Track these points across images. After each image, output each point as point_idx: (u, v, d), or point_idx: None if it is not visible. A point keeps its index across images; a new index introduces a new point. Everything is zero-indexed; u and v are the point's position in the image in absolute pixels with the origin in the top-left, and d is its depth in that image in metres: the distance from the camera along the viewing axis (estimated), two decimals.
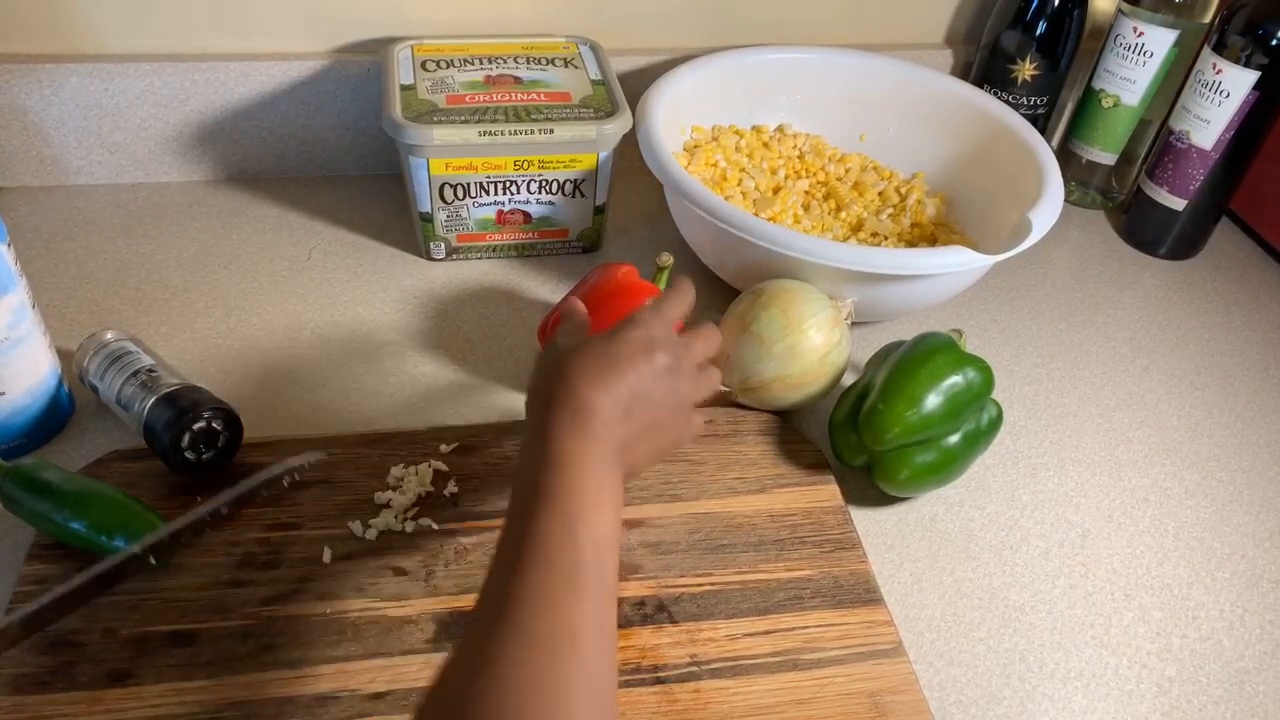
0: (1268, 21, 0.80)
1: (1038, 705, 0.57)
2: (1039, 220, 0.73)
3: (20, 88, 0.81)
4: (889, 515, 0.67)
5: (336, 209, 0.88)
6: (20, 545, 0.58)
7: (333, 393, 0.71)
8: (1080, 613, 0.62)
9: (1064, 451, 0.73)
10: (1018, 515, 0.68)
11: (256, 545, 0.59)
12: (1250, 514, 0.70)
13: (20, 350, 0.60)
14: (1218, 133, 0.85)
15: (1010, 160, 0.83)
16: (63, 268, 0.78)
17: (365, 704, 0.52)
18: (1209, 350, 0.84)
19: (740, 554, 0.61)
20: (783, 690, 0.54)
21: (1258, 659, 0.61)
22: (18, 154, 0.84)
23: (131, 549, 0.54)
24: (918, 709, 0.54)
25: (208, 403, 0.60)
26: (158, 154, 0.87)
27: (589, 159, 0.79)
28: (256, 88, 0.85)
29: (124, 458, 0.63)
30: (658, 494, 0.64)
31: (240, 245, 0.83)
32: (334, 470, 0.63)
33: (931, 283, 0.73)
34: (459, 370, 0.74)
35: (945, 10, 0.98)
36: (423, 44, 0.84)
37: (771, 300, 0.68)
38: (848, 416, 0.66)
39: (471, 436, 0.66)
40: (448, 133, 0.74)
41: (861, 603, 0.59)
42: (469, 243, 0.82)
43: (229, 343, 0.74)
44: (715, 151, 0.87)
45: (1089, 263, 0.93)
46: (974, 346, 0.80)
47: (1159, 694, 0.58)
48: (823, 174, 0.89)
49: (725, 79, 0.89)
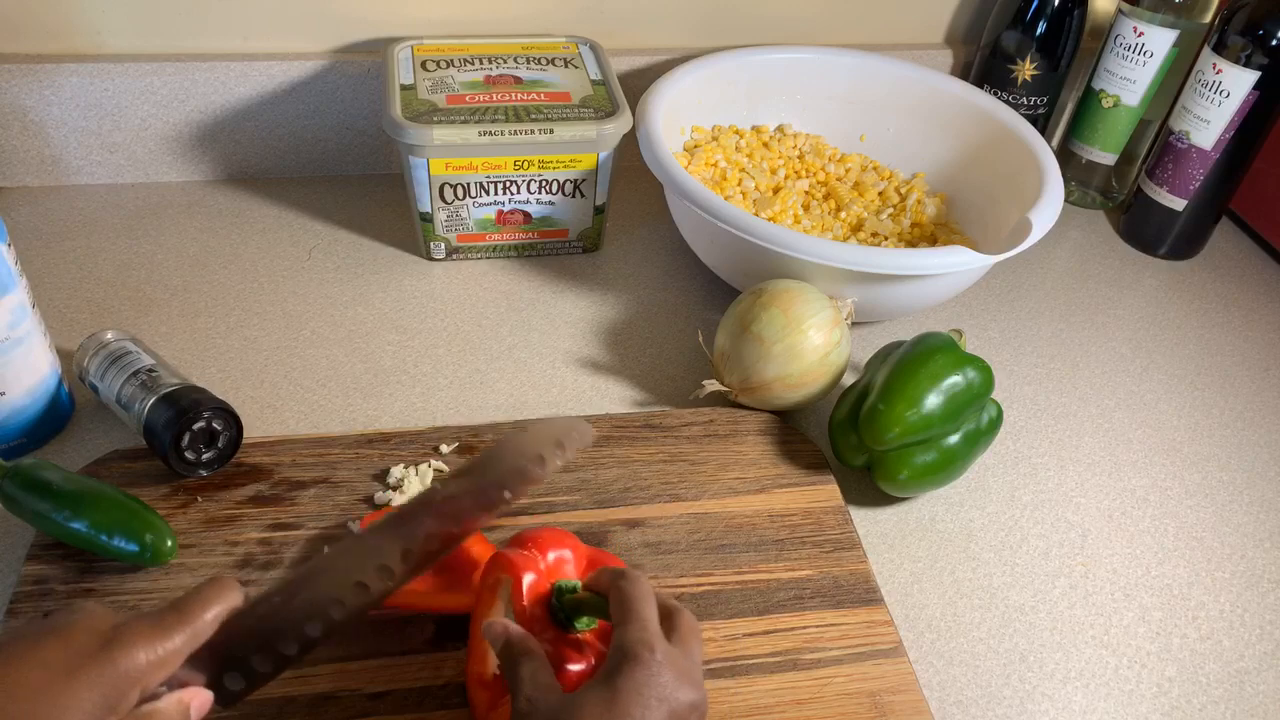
0: (1268, 21, 0.80)
1: (1038, 705, 0.57)
2: (1039, 220, 0.73)
3: (20, 88, 0.81)
4: (889, 515, 0.67)
5: (336, 209, 0.88)
6: (20, 545, 0.59)
7: (333, 393, 0.71)
8: (1080, 613, 0.62)
9: (1064, 451, 0.73)
10: (1018, 515, 0.68)
11: (256, 545, 0.59)
12: (1250, 514, 0.70)
13: (20, 350, 0.60)
14: (1218, 133, 0.85)
15: (1010, 160, 0.83)
16: (63, 268, 0.78)
17: (365, 704, 0.52)
18: (1209, 350, 0.84)
19: (740, 554, 0.61)
20: (782, 690, 0.54)
21: (1258, 659, 0.61)
22: (18, 154, 0.84)
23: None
24: (918, 709, 0.54)
25: (208, 403, 0.60)
26: (158, 154, 0.87)
27: (589, 159, 0.79)
28: (256, 88, 0.85)
29: (124, 458, 0.63)
30: (657, 494, 0.64)
31: (240, 245, 0.83)
32: (334, 470, 0.63)
33: (931, 283, 0.73)
34: (459, 370, 0.74)
35: (945, 10, 0.98)
36: (423, 44, 0.84)
37: (771, 300, 0.68)
38: (848, 416, 0.66)
39: (471, 436, 0.66)
40: (448, 133, 0.74)
41: (861, 603, 0.59)
42: (469, 243, 0.82)
43: (229, 343, 0.74)
44: (715, 151, 0.87)
45: (1089, 263, 0.93)
46: (974, 346, 0.80)
47: (1159, 694, 0.58)
48: (823, 174, 0.89)
49: (725, 79, 0.89)
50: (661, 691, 0.41)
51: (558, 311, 0.80)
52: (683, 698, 0.42)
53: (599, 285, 0.83)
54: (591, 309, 0.80)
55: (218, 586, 0.41)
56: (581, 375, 0.74)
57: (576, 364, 0.75)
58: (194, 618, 0.39)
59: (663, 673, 0.42)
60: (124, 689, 0.37)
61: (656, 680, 0.41)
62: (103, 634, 0.37)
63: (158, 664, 0.38)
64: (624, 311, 0.80)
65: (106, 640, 0.37)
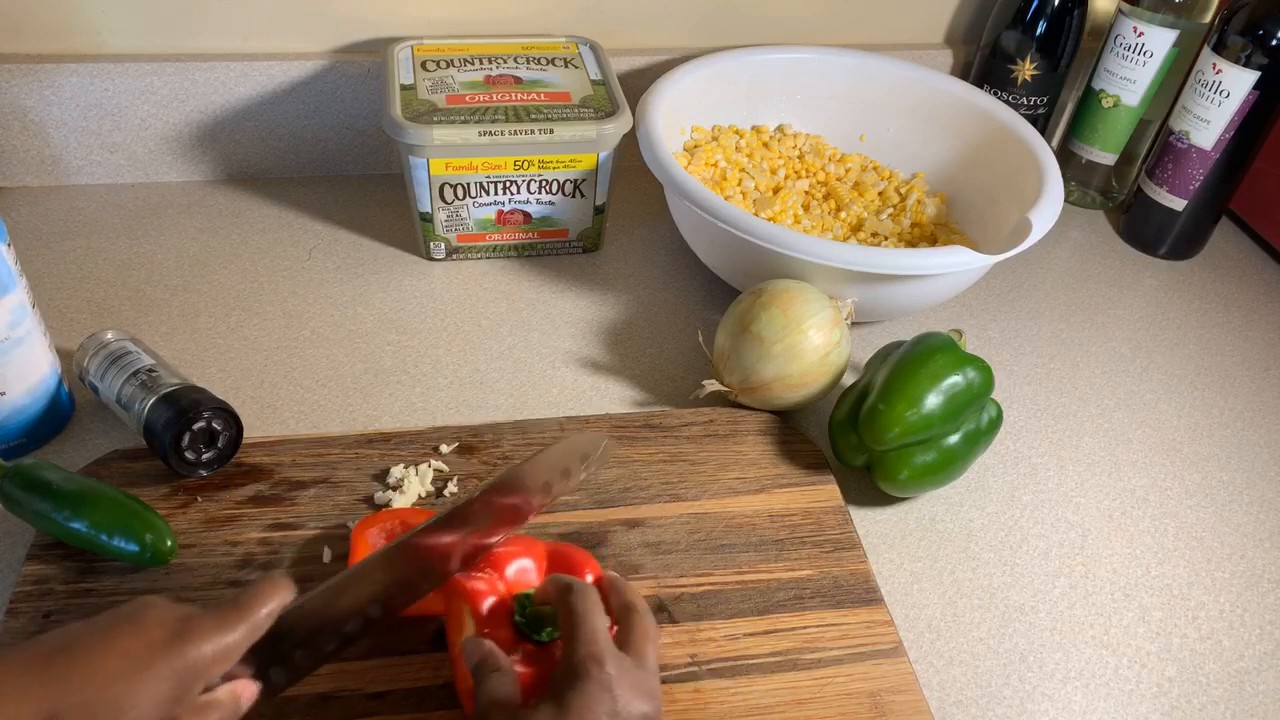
0: (1268, 21, 0.80)
1: (1038, 705, 0.57)
2: (1039, 220, 0.73)
3: (20, 88, 0.81)
4: (889, 515, 0.67)
5: (336, 209, 0.88)
6: (20, 545, 0.59)
7: (333, 393, 0.71)
8: (1080, 613, 0.62)
9: (1064, 451, 0.73)
10: (1018, 515, 0.68)
11: (256, 545, 0.59)
12: (1250, 514, 0.70)
13: (20, 350, 0.60)
14: (1218, 133, 0.85)
15: (1010, 160, 0.83)
16: (63, 268, 0.78)
17: (365, 704, 0.52)
18: (1209, 350, 0.84)
19: (740, 554, 0.61)
20: (782, 690, 0.54)
21: (1258, 659, 0.61)
22: (18, 154, 0.84)
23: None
24: (918, 709, 0.54)
25: (208, 403, 0.60)
26: (158, 154, 0.87)
27: (589, 159, 0.79)
28: (256, 88, 0.85)
29: (124, 458, 0.63)
30: (657, 494, 0.64)
31: (240, 245, 0.83)
32: (334, 470, 0.63)
33: (931, 283, 0.73)
34: (459, 370, 0.74)
35: (945, 10, 0.98)
36: (423, 44, 0.84)
37: (771, 300, 0.68)
38: (848, 416, 0.66)
39: (471, 436, 0.66)
40: (448, 133, 0.74)
41: (861, 603, 0.59)
42: (469, 243, 0.82)
43: (229, 343, 0.74)
44: (715, 151, 0.87)
45: (1089, 263, 0.93)
46: (974, 346, 0.80)
47: (1159, 694, 0.58)
48: (823, 174, 0.89)
49: (725, 79, 0.89)
50: (612, 705, 0.42)
51: (558, 311, 0.80)
52: (634, 710, 0.42)
53: (599, 285, 0.83)
54: (591, 309, 0.80)
55: (273, 584, 0.43)
56: (581, 375, 0.74)
57: (576, 364, 0.75)
58: (253, 614, 0.41)
59: (613, 686, 0.42)
60: (191, 681, 0.39)
61: (607, 694, 0.42)
62: (172, 627, 0.39)
63: (221, 657, 0.40)
64: (624, 311, 0.80)
65: (176, 633, 0.39)
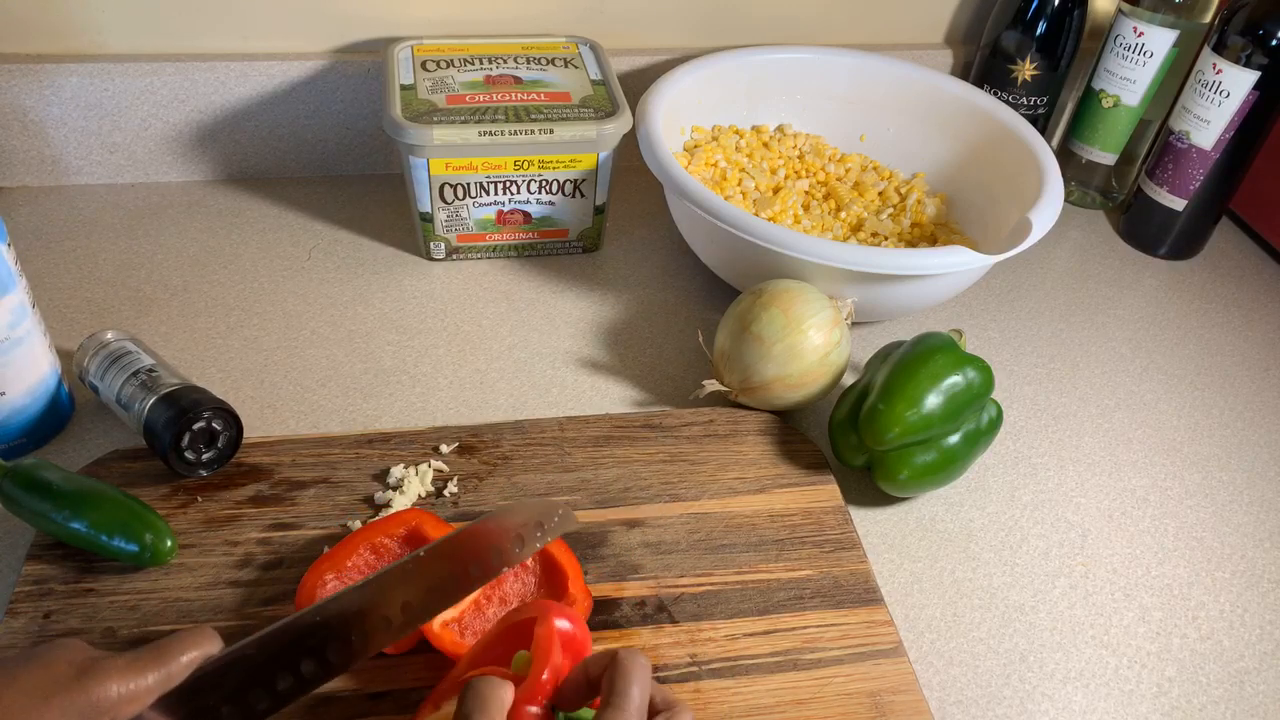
0: (1268, 21, 0.80)
1: (1038, 705, 0.57)
2: (1039, 220, 0.73)
3: (20, 88, 0.81)
4: (889, 515, 0.67)
5: (336, 209, 0.88)
6: (20, 545, 0.59)
7: (333, 393, 0.71)
8: (1080, 613, 0.62)
9: (1064, 451, 0.73)
10: (1018, 515, 0.68)
11: (256, 545, 0.59)
12: (1250, 514, 0.70)
13: (20, 350, 0.60)
14: (1218, 133, 0.85)
15: (1010, 160, 0.83)
16: (63, 268, 0.78)
17: (365, 704, 0.52)
18: (1209, 350, 0.84)
19: (740, 554, 0.61)
20: (782, 690, 0.54)
21: (1258, 659, 0.61)
22: (18, 154, 0.84)
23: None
24: (918, 709, 0.54)
25: (208, 403, 0.60)
26: (158, 154, 0.87)
27: (589, 159, 0.79)
28: (256, 88, 0.85)
29: (124, 458, 0.63)
30: (657, 494, 0.64)
31: (240, 245, 0.83)
32: (334, 470, 0.63)
33: (931, 283, 0.73)
34: (459, 370, 0.74)
35: (945, 10, 0.98)
36: (423, 44, 0.84)
37: (771, 300, 0.68)
38: (848, 416, 0.66)
39: (471, 436, 0.67)
40: (448, 133, 0.74)
41: (861, 603, 0.59)
42: (469, 243, 0.82)
43: (229, 343, 0.74)
44: (715, 151, 0.87)
45: (1089, 263, 0.93)
46: (974, 346, 0.80)
47: (1159, 694, 0.58)
48: (823, 174, 0.89)
49: (725, 79, 0.89)
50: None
51: (558, 311, 0.80)
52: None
53: (599, 285, 0.83)
54: (591, 309, 0.80)
55: (196, 634, 0.42)
56: (581, 375, 0.74)
57: (576, 364, 0.75)
58: (168, 659, 0.41)
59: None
60: (94, 718, 0.38)
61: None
62: (79, 665, 0.39)
63: (129, 698, 0.39)
64: (624, 311, 0.80)
65: (83, 670, 0.39)
